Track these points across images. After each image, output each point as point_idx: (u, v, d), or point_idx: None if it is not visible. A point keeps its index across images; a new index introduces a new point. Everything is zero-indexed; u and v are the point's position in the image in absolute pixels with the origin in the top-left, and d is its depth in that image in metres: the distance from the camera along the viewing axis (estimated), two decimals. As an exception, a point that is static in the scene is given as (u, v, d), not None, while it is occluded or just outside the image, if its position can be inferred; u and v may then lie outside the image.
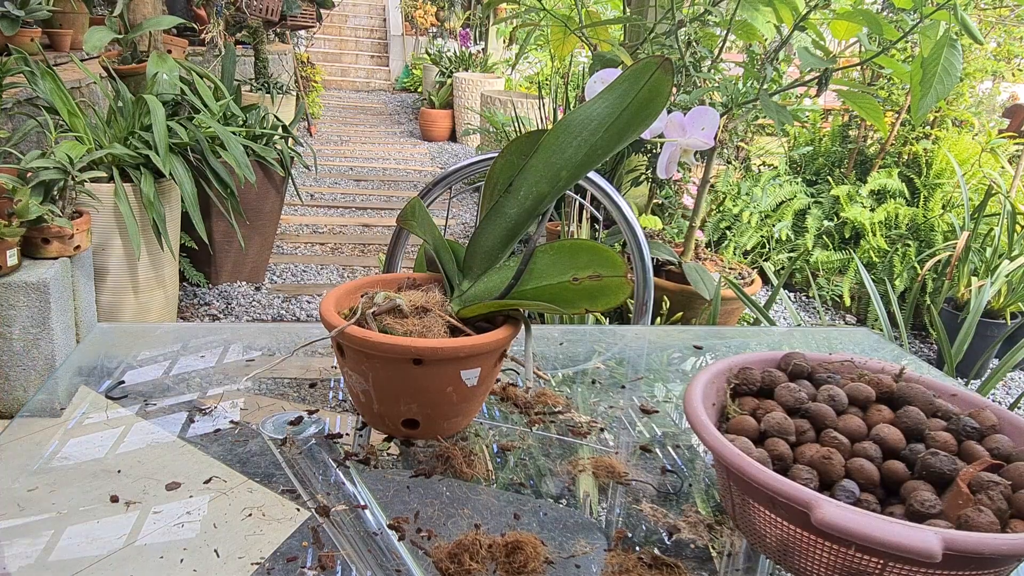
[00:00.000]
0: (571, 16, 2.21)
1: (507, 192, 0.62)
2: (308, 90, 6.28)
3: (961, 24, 1.45)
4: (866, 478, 0.53)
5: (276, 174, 2.94)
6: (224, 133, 2.62)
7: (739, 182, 3.68)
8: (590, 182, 1.36)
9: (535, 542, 0.57)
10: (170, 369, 0.84)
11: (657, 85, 0.59)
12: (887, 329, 2.25)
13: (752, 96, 2.13)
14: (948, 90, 1.43)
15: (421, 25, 8.53)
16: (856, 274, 3.30)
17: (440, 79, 6.91)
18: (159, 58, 2.84)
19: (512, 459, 0.72)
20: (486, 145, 5.33)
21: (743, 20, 1.98)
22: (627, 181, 2.79)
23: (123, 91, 2.65)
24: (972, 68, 3.45)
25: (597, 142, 0.60)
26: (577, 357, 0.97)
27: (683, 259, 2.57)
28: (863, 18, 1.62)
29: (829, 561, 0.50)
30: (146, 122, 2.51)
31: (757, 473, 0.50)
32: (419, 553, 0.57)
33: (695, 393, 0.59)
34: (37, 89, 2.40)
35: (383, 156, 5.88)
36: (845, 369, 0.67)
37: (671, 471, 0.72)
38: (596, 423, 0.79)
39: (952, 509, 0.50)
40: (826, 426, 0.58)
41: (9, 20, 3.05)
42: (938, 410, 0.60)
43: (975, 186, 3.48)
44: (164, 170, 2.40)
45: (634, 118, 0.60)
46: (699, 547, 0.61)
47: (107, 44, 3.07)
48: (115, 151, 2.36)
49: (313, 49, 8.32)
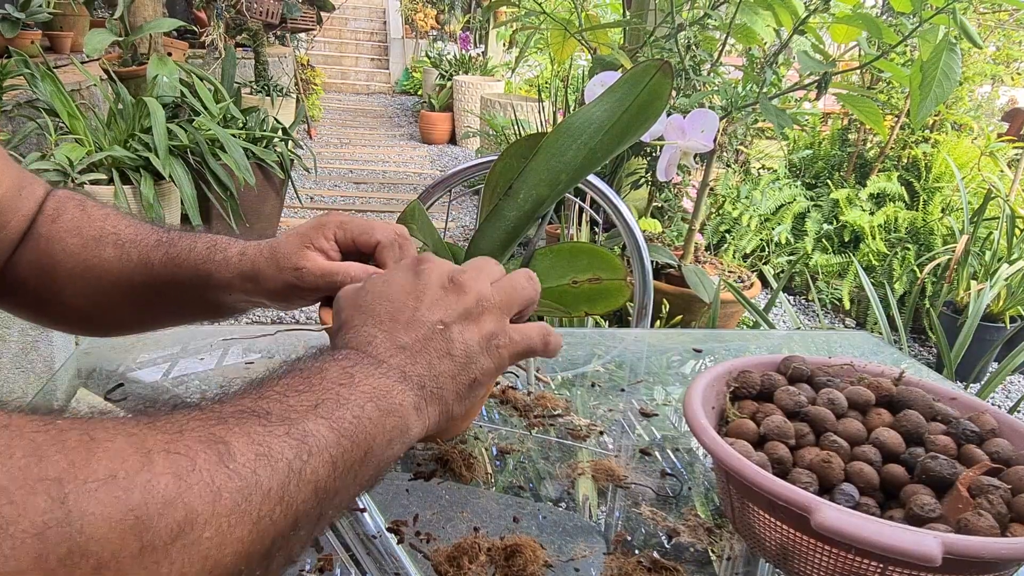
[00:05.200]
0: (571, 19, 2.22)
1: (506, 195, 0.62)
2: (308, 93, 6.29)
3: (960, 28, 1.45)
4: (866, 482, 0.53)
5: (276, 176, 2.95)
6: (224, 135, 2.62)
7: (739, 185, 3.68)
8: (590, 185, 1.36)
9: (534, 545, 0.57)
10: (169, 371, 0.84)
11: (657, 88, 0.59)
12: (886, 333, 2.25)
13: (752, 100, 2.14)
14: (947, 94, 1.43)
15: (421, 28, 8.54)
16: (855, 277, 3.30)
17: (440, 82, 6.91)
18: (159, 61, 2.84)
19: (511, 462, 0.72)
20: (486, 148, 5.33)
21: (743, 24, 1.98)
22: (627, 184, 2.79)
23: (123, 93, 2.65)
24: (971, 72, 3.45)
25: (597, 145, 0.60)
26: (576, 360, 0.97)
27: (683, 262, 2.57)
28: (862, 22, 1.62)
29: (829, 565, 0.50)
30: (146, 124, 2.51)
31: (757, 477, 0.50)
32: (418, 556, 0.57)
33: (694, 396, 0.59)
34: (37, 91, 2.40)
35: (383, 159, 5.88)
36: (845, 373, 0.67)
37: (670, 474, 0.72)
38: (595, 426, 0.79)
39: (952, 513, 0.50)
40: (826, 430, 0.58)
41: (10, 22, 3.06)
42: (938, 414, 0.60)
43: (974, 190, 3.49)
44: (164, 172, 2.40)
45: (633, 121, 0.60)
46: (699, 551, 0.61)
47: (107, 47, 3.08)
48: (115, 153, 2.36)
49: (313, 52, 8.33)
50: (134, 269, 0.60)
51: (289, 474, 0.32)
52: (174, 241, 0.61)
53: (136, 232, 0.62)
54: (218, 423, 0.32)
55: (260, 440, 0.32)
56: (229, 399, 0.35)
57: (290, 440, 0.33)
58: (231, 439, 0.31)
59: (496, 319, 0.46)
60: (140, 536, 0.26)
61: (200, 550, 0.28)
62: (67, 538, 0.25)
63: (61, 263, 0.60)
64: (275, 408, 0.35)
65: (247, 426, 0.32)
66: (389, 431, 0.38)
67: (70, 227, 0.61)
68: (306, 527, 0.34)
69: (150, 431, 0.30)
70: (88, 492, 0.26)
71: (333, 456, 0.35)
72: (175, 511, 0.28)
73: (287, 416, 0.34)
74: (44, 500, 0.25)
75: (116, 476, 0.27)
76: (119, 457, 0.27)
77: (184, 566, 0.28)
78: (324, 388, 0.37)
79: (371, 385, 0.39)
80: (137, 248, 0.61)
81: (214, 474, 0.29)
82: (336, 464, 0.35)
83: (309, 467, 0.33)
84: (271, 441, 0.32)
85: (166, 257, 0.60)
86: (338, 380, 0.38)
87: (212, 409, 0.33)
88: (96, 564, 0.25)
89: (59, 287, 0.61)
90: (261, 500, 0.31)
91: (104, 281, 0.61)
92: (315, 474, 0.33)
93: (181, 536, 0.28)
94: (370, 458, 0.37)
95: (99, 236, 0.61)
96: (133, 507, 0.27)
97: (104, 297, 0.61)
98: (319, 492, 0.34)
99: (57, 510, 0.25)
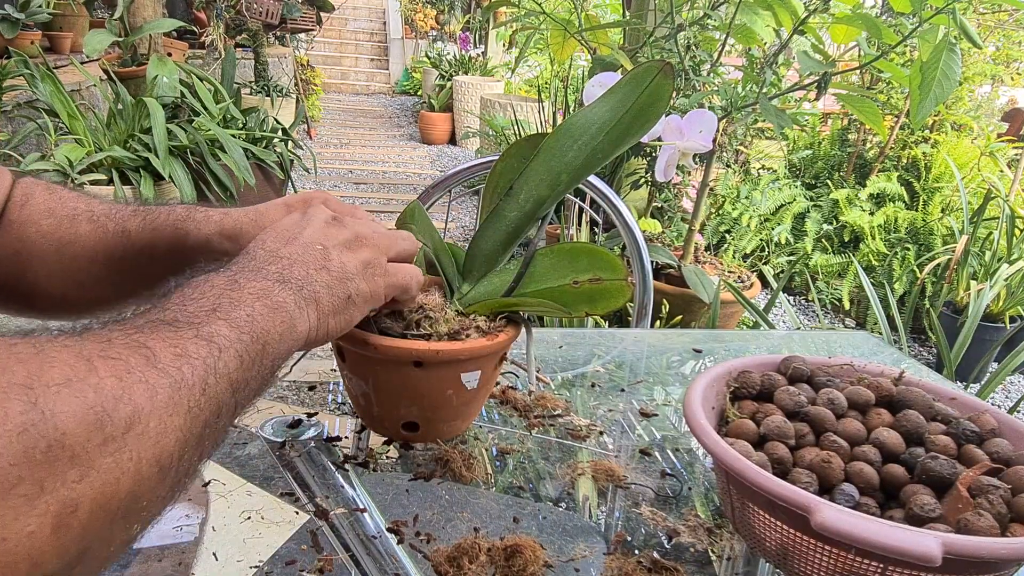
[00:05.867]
0: (571, 20, 2.22)
1: (507, 195, 0.62)
2: (308, 93, 6.29)
3: (960, 28, 1.45)
4: (866, 482, 0.53)
5: (276, 177, 2.95)
6: (224, 136, 2.62)
7: (738, 186, 3.68)
8: (590, 185, 1.36)
9: (534, 546, 0.57)
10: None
11: (658, 90, 0.59)
12: (886, 333, 2.25)
13: (751, 100, 2.14)
14: (947, 94, 1.43)
15: (421, 28, 8.54)
16: (855, 277, 3.30)
17: (440, 82, 6.91)
18: (159, 61, 2.84)
19: (511, 462, 0.72)
20: (485, 148, 5.34)
21: (742, 24, 1.98)
22: (626, 184, 2.79)
23: (123, 94, 2.65)
24: (971, 72, 3.45)
25: (597, 146, 0.60)
26: (576, 360, 0.97)
27: (682, 262, 2.57)
28: (862, 22, 1.63)
29: (829, 565, 0.50)
30: (146, 125, 2.51)
31: (757, 477, 0.50)
32: (418, 557, 0.57)
33: (694, 396, 0.59)
34: (37, 92, 2.40)
35: (382, 159, 5.88)
36: (844, 373, 0.67)
37: (671, 475, 0.72)
38: (595, 426, 0.79)
39: (952, 513, 0.50)
40: (826, 430, 0.58)
41: (9, 23, 3.06)
42: (938, 414, 0.60)
43: (974, 190, 3.49)
44: (164, 173, 2.40)
45: (634, 122, 0.60)
46: (699, 551, 0.61)
47: (107, 47, 3.08)
48: (115, 154, 2.36)
49: (313, 52, 8.32)
50: (111, 240, 0.61)
51: (206, 370, 0.37)
52: (151, 211, 0.62)
53: (110, 208, 0.62)
54: (137, 332, 0.36)
55: (175, 343, 0.37)
56: (138, 314, 0.40)
57: (200, 341, 0.38)
58: (152, 344, 0.36)
59: (372, 252, 0.53)
60: (102, 428, 0.31)
61: (150, 438, 0.33)
62: (45, 435, 0.29)
63: (35, 245, 0.60)
64: (180, 316, 0.39)
65: (161, 333, 0.37)
66: (279, 327, 0.44)
67: (42, 209, 0.61)
68: (226, 416, 0.39)
69: (84, 342, 0.34)
70: (53, 394, 0.30)
71: (239, 351, 0.40)
72: (124, 406, 0.32)
73: (192, 321, 0.39)
74: (19, 403, 0.29)
75: (71, 380, 0.31)
76: (67, 364, 0.31)
77: (139, 452, 0.32)
78: (216, 294, 0.42)
79: (255, 287, 0.44)
80: (113, 220, 0.61)
81: (146, 374, 0.34)
82: (243, 358, 0.40)
83: (221, 362, 0.38)
84: (186, 344, 0.37)
85: (143, 223, 0.61)
86: (226, 286, 0.43)
87: (127, 322, 0.38)
88: (71, 455, 0.29)
89: (33, 270, 0.61)
90: (188, 393, 0.35)
91: (81, 258, 0.61)
92: (227, 367, 0.39)
93: (133, 427, 0.32)
94: (268, 351, 0.42)
95: (72, 215, 0.61)
96: (91, 405, 0.31)
97: (81, 274, 0.62)
98: (233, 384, 0.39)
99: (32, 411, 0.29)
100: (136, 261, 0.61)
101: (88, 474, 0.30)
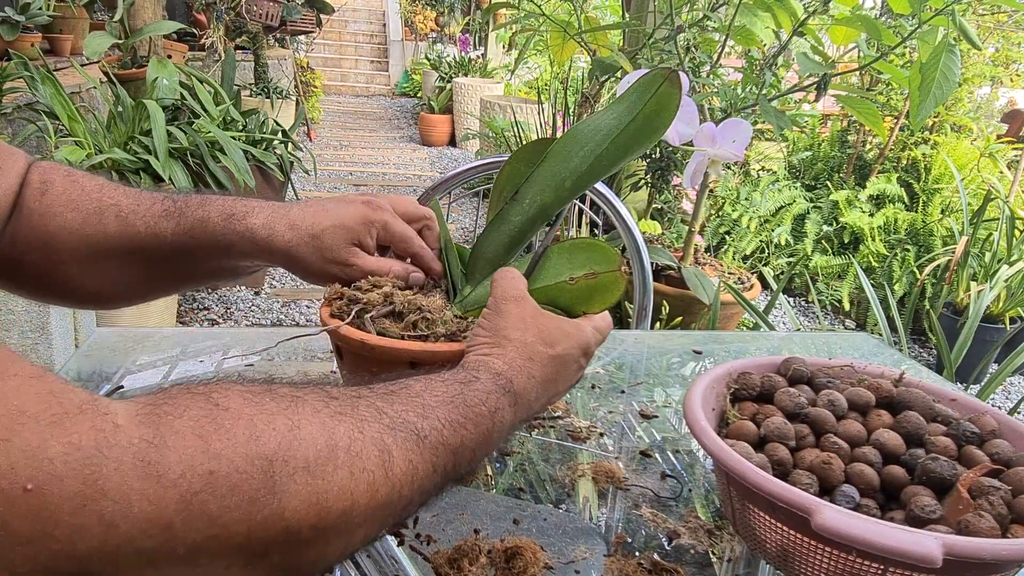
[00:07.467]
0: (570, 21, 2.22)
1: (512, 199, 0.62)
2: (308, 95, 6.29)
3: (959, 30, 1.45)
4: (866, 483, 0.53)
5: (275, 179, 2.95)
6: (224, 138, 2.62)
7: (738, 187, 3.68)
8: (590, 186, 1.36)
9: (534, 547, 0.57)
10: (169, 374, 0.84)
11: (664, 98, 0.58)
12: (886, 334, 2.25)
13: (751, 101, 2.14)
14: (946, 95, 1.43)
15: (421, 30, 8.54)
16: (855, 279, 3.30)
17: (440, 84, 6.91)
18: (159, 63, 2.84)
19: (511, 464, 0.72)
20: (485, 150, 5.33)
21: (742, 25, 1.98)
22: (626, 186, 2.80)
23: (123, 96, 2.65)
24: (970, 73, 3.45)
25: (603, 153, 0.60)
26: (576, 362, 0.96)
27: (682, 264, 2.57)
28: (862, 23, 1.63)
29: (829, 566, 0.50)
30: (146, 127, 2.51)
31: (757, 478, 0.50)
32: (418, 558, 0.57)
33: (695, 398, 0.59)
34: (37, 94, 2.40)
35: (382, 161, 5.88)
36: (845, 374, 0.67)
37: (671, 476, 0.72)
38: (596, 428, 0.79)
39: (952, 514, 0.50)
40: (826, 431, 0.58)
41: (9, 25, 3.06)
42: (938, 415, 0.60)
43: (974, 191, 3.49)
44: (164, 175, 2.40)
45: (640, 131, 0.60)
46: (699, 552, 0.61)
47: (107, 49, 3.08)
48: (115, 156, 2.37)
49: (313, 54, 8.33)
50: (143, 241, 0.60)
51: (414, 485, 0.40)
52: (183, 211, 0.61)
53: (136, 201, 0.61)
54: (387, 432, 0.40)
55: (411, 458, 0.40)
56: (395, 396, 0.43)
57: (428, 462, 0.42)
58: (394, 449, 0.39)
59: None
60: (319, 516, 0.35)
61: (354, 538, 0.37)
62: (274, 513, 0.33)
63: (61, 240, 0.59)
64: (426, 427, 0.42)
65: (406, 443, 0.40)
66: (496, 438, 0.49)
67: (64, 200, 0.60)
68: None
69: (338, 422, 0.37)
70: (288, 475, 0.34)
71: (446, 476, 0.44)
72: (343, 502, 0.35)
73: (439, 441, 0.42)
74: (259, 475, 0.32)
75: (309, 467, 0.35)
76: (313, 447, 0.35)
77: (339, 548, 0.37)
78: (482, 428, 0.46)
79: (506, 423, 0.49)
80: (143, 219, 0.60)
81: (376, 477, 0.37)
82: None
83: (431, 481, 0.42)
84: (417, 462, 0.40)
85: (179, 229, 0.60)
86: (495, 421, 0.47)
87: (382, 411, 0.41)
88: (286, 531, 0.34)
89: (65, 265, 0.60)
90: (397, 501, 0.39)
91: (113, 258, 0.60)
92: (426, 486, 0.42)
93: (342, 523, 0.36)
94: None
95: (98, 209, 0.60)
96: (318, 491, 0.34)
97: (115, 272, 0.61)
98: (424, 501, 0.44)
99: (265, 484, 0.33)
100: (171, 262, 0.61)
101: None
